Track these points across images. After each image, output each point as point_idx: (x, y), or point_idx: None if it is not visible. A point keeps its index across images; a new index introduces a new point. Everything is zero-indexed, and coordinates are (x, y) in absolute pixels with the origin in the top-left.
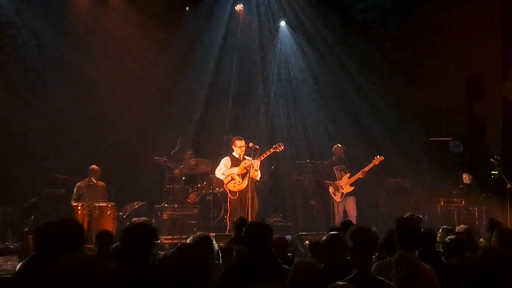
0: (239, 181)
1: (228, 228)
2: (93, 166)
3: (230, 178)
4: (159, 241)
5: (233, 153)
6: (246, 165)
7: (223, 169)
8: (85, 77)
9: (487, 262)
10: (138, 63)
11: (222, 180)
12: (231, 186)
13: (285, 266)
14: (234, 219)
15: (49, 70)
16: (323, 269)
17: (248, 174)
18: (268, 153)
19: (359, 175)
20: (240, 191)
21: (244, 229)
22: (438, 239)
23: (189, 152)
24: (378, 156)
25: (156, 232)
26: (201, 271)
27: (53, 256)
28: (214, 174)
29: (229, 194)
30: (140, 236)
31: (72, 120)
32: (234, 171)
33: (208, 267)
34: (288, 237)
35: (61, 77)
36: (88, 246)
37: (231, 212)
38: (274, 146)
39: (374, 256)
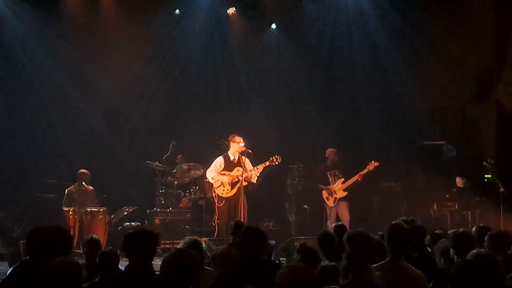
0: (228, 189)
1: (216, 232)
2: (83, 170)
3: (220, 183)
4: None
5: (229, 153)
6: (238, 173)
7: (214, 173)
8: (77, 82)
9: (476, 266)
10: (129, 66)
11: (212, 184)
12: (219, 192)
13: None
14: (231, 224)
15: (41, 75)
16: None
17: (237, 184)
18: (264, 166)
19: (353, 180)
20: (227, 199)
21: (239, 234)
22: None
23: (179, 156)
24: (373, 162)
25: (158, 238)
26: (195, 276)
27: (43, 261)
28: (207, 178)
29: (216, 200)
30: (143, 243)
31: (62, 124)
32: (224, 179)
33: (200, 272)
34: (272, 242)
35: (52, 81)
36: (78, 251)
37: (219, 217)
38: (270, 158)
39: None
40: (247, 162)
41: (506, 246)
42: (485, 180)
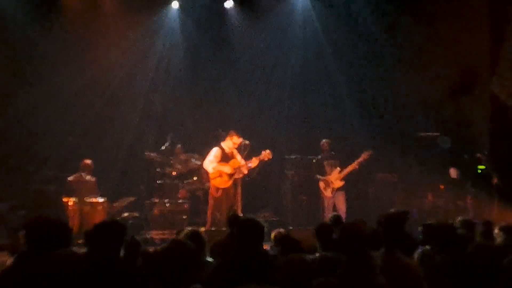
0: (225, 180)
1: (208, 223)
2: (86, 160)
3: (218, 174)
4: (149, 237)
5: (223, 145)
6: (235, 166)
7: (214, 164)
8: (74, 73)
9: (476, 258)
10: (127, 58)
11: (209, 174)
12: (216, 182)
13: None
14: (229, 215)
15: (39, 67)
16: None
17: (234, 175)
18: (256, 161)
19: (349, 169)
20: (224, 189)
21: (235, 226)
22: None
23: (179, 146)
24: (366, 151)
25: (124, 229)
26: (191, 266)
27: (43, 252)
28: (204, 168)
29: (212, 190)
30: (105, 236)
31: (62, 116)
32: (225, 169)
33: (198, 262)
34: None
35: (49, 73)
36: (78, 242)
37: (214, 208)
38: (262, 153)
39: None
40: (238, 156)
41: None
42: (479, 171)
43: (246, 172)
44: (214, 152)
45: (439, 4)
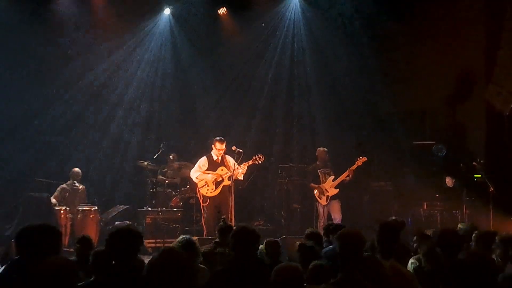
0: (212, 189)
1: (204, 232)
2: (75, 169)
3: (204, 183)
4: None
5: (212, 153)
6: (222, 173)
7: (198, 173)
8: (67, 80)
9: (470, 266)
10: (120, 66)
11: (196, 184)
12: (203, 191)
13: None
14: (219, 224)
15: (31, 73)
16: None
17: (222, 183)
18: (247, 164)
19: (343, 177)
20: (212, 198)
21: (230, 234)
22: None
23: (172, 154)
24: (361, 157)
25: (142, 237)
26: (185, 275)
27: (34, 259)
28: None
29: (200, 199)
30: (126, 241)
31: (54, 124)
32: (208, 177)
33: (192, 271)
34: None
35: (42, 79)
36: (70, 250)
37: (207, 216)
38: (253, 157)
39: None
40: (231, 161)
41: (491, 246)
42: (475, 180)
43: (241, 178)
44: (200, 161)
45: (434, 12)
